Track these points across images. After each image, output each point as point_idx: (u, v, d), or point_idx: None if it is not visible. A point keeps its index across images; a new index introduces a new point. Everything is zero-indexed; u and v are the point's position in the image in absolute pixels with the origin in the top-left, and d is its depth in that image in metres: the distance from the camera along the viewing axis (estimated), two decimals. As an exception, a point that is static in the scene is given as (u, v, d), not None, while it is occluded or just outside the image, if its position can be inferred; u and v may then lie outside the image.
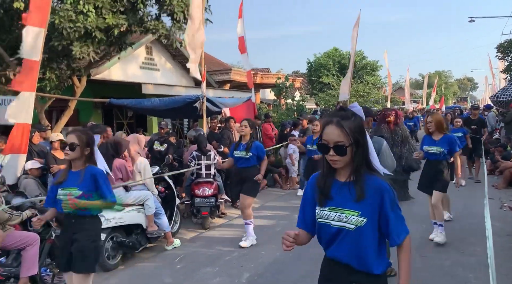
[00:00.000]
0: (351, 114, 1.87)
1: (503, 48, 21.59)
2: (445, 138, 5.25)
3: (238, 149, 5.48)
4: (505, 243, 5.24)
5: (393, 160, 4.02)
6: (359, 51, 29.43)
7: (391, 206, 1.86)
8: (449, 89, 60.57)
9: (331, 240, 1.93)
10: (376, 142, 3.89)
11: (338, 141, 1.81)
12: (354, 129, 1.82)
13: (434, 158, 5.28)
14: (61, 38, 7.28)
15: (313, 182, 2.01)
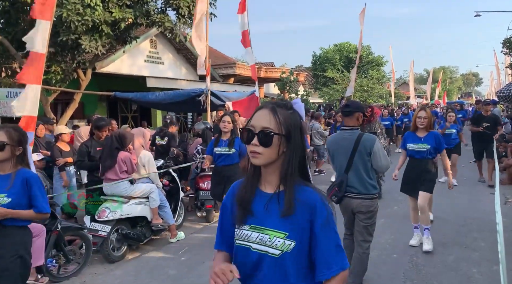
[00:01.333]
0: (290, 106, 1.49)
1: (509, 43, 21.41)
2: (431, 135, 4.87)
3: (219, 145, 5.15)
4: (510, 238, 5.23)
5: (387, 159, 3.63)
6: (366, 46, 29.33)
7: (324, 227, 1.41)
8: (454, 84, 60.24)
9: (251, 270, 1.46)
10: (367, 139, 3.57)
11: (266, 127, 1.41)
12: (289, 121, 1.44)
13: (420, 156, 4.88)
14: (69, 32, 7.31)
15: (232, 192, 1.57)
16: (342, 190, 3.61)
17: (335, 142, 3.77)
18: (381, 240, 5.15)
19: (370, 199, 3.61)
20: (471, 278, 4.12)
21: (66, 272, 4.42)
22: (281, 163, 1.45)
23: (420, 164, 4.87)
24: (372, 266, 4.45)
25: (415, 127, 4.96)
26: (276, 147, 1.42)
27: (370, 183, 3.60)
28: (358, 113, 3.66)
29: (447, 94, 43.65)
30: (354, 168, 3.57)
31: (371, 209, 3.62)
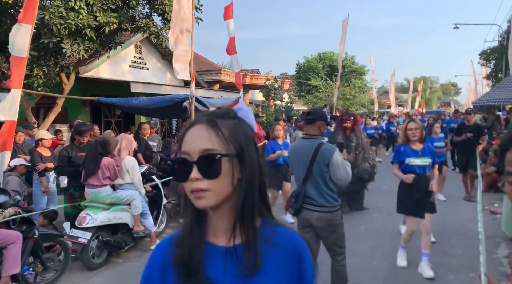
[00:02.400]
0: (234, 114, 1.05)
1: (486, 55, 22.09)
2: (427, 148, 4.53)
3: None
4: (486, 245, 5.36)
5: (347, 172, 3.35)
6: (351, 56, 29.80)
7: (313, 279, 1.06)
8: (434, 94, 61.60)
9: None
10: (326, 150, 3.34)
11: (207, 149, 0.96)
12: (238, 134, 1.00)
13: (422, 172, 4.44)
14: (51, 35, 7.22)
15: (160, 256, 1.10)
16: (299, 201, 3.38)
17: (295, 150, 3.59)
18: (361, 247, 5.22)
19: (330, 212, 3.37)
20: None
21: (43, 279, 4.33)
22: (237, 197, 0.99)
23: (421, 180, 4.45)
24: (351, 273, 4.49)
25: (406, 140, 4.53)
26: (228, 176, 0.96)
27: (330, 194, 3.38)
28: (320, 121, 3.46)
29: (427, 104, 44.60)
30: (313, 179, 3.36)
31: (332, 222, 3.38)
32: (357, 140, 7.02)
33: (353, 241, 5.56)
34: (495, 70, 21.63)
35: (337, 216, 3.41)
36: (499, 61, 20.76)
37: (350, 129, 6.98)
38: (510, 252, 5.13)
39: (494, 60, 21.92)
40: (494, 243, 5.49)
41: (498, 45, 21.98)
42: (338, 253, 3.51)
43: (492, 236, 5.77)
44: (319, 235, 3.44)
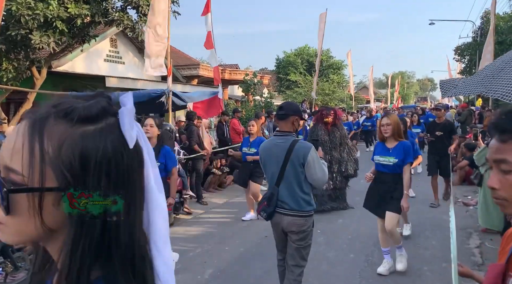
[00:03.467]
0: (89, 114, 0.63)
1: (460, 50, 22.63)
2: (401, 146, 4.21)
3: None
4: (458, 236, 5.48)
5: (324, 172, 3.11)
6: (326, 50, 29.99)
7: None
8: (411, 89, 62.83)
9: None
10: (301, 148, 3.07)
11: (8, 167, 0.61)
12: (72, 154, 0.61)
13: (388, 170, 4.25)
14: (19, 26, 6.98)
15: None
16: (272, 204, 3.12)
17: (267, 149, 3.26)
18: (338, 240, 5.27)
19: (303, 217, 3.11)
20: (422, 275, 4.29)
21: (13, 280, 4.18)
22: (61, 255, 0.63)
23: (386, 179, 4.25)
24: (329, 266, 4.55)
25: (382, 137, 4.35)
26: (28, 215, 0.61)
27: (304, 198, 3.11)
28: (293, 116, 3.18)
29: (404, 99, 45.42)
30: (286, 180, 3.09)
31: (303, 228, 3.12)
32: (341, 135, 6.87)
33: (331, 235, 5.62)
34: (469, 66, 22.19)
35: (309, 222, 3.15)
36: (473, 57, 21.31)
37: (332, 124, 6.80)
38: (481, 243, 5.28)
39: (468, 56, 22.48)
40: (466, 234, 5.64)
41: (472, 41, 22.55)
42: (298, 265, 3.19)
43: (464, 227, 5.93)
44: (287, 240, 3.23)
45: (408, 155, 4.19)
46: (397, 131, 4.24)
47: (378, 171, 4.34)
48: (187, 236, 5.82)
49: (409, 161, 4.22)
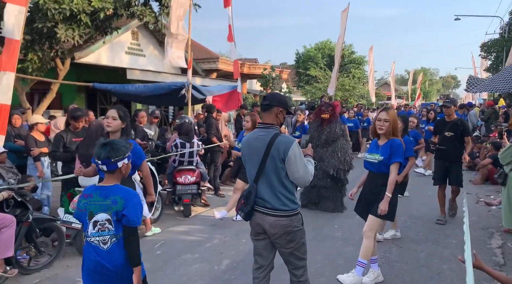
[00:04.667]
0: None
1: (487, 47, 22.00)
2: (389, 143, 3.80)
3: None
4: (480, 236, 5.40)
5: (306, 170, 2.81)
6: (349, 45, 29.62)
7: None
8: (433, 86, 61.54)
9: None
10: (282, 142, 2.78)
11: None
12: None
13: (374, 169, 3.88)
14: (45, 19, 7.13)
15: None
16: (249, 202, 2.83)
17: (247, 142, 2.96)
18: (355, 236, 5.23)
19: (287, 217, 2.80)
20: (441, 274, 4.22)
21: (37, 264, 4.32)
22: None
23: (373, 179, 3.90)
24: (345, 262, 4.53)
25: (375, 132, 3.92)
26: None
27: (286, 196, 2.81)
28: (278, 108, 2.89)
29: (426, 96, 44.52)
30: (266, 176, 2.81)
31: (288, 229, 2.81)
32: (330, 133, 6.56)
33: (348, 230, 5.58)
34: (496, 63, 21.56)
35: (295, 221, 2.85)
36: (500, 54, 20.69)
37: (328, 120, 6.59)
38: (503, 243, 5.16)
39: (495, 53, 21.84)
40: (488, 234, 5.51)
41: (499, 38, 21.89)
42: (297, 266, 2.94)
43: (486, 227, 5.80)
44: (274, 244, 2.94)
45: (395, 153, 3.74)
46: (393, 129, 3.82)
47: (367, 169, 4.00)
48: (204, 228, 5.87)
49: (396, 160, 3.74)
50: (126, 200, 2.47)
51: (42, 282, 4.06)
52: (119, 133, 3.64)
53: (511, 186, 5.44)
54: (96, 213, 2.50)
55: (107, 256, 2.46)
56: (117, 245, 2.47)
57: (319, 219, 6.15)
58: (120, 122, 3.63)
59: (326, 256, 4.73)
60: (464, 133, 5.96)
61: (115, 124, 3.61)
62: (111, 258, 2.46)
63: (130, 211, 2.45)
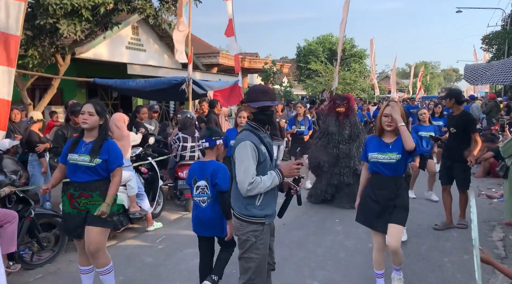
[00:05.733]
0: None
1: (488, 39, 21.88)
2: (400, 139, 3.34)
3: (78, 150, 3.27)
4: (481, 229, 5.39)
5: (244, 176, 2.48)
6: (350, 39, 29.49)
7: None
8: (435, 80, 61.30)
9: None
10: (236, 140, 2.63)
11: None
12: None
13: (388, 172, 3.37)
14: (47, 15, 7.10)
15: None
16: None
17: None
18: (357, 230, 5.23)
19: (239, 220, 2.64)
20: (442, 267, 4.24)
21: (39, 259, 4.35)
22: None
23: (387, 183, 3.39)
24: (347, 255, 4.54)
25: (381, 131, 3.47)
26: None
27: (243, 200, 2.60)
28: (247, 105, 2.70)
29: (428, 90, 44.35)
30: (233, 179, 2.64)
31: (238, 233, 2.67)
32: (352, 128, 6.39)
33: (350, 224, 5.59)
34: (497, 55, 21.44)
35: (245, 229, 2.61)
36: (502, 46, 20.57)
37: (344, 114, 6.35)
38: (504, 236, 5.16)
39: (496, 45, 21.72)
40: (489, 227, 5.52)
41: (501, 30, 21.75)
42: (241, 273, 2.70)
43: (488, 220, 5.81)
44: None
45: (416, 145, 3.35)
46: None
47: (376, 173, 3.45)
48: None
49: (417, 153, 3.44)
50: (217, 171, 3.31)
51: (45, 277, 4.08)
52: (97, 130, 3.32)
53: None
54: (199, 180, 3.37)
55: (204, 211, 3.37)
56: (210, 204, 3.35)
57: (320, 213, 6.16)
58: (98, 118, 3.30)
59: (327, 249, 4.74)
60: (468, 129, 5.14)
61: (92, 120, 3.28)
62: (206, 213, 3.35)
63: (220, 180, 3.28)
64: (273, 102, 2.65)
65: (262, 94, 2.63)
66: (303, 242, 4.98)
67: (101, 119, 3.32)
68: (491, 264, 2.36)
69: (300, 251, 4.69)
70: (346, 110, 6.36)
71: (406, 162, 3.44)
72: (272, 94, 2.67)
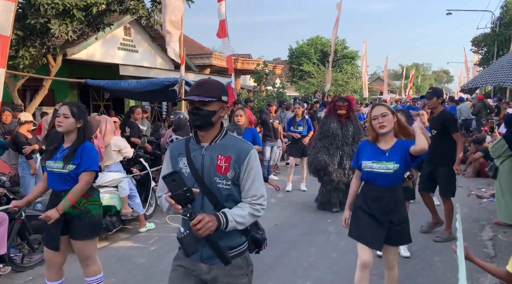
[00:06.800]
0: None
1: (478, 41, 22.16)
2: (400, 145, 2.96)
3: (54, 156, 3.06)
4: (471, 228, 5.47)
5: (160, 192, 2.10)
6: (342, 40, 29.64)
7: None
8: (426, 81, 61.85)
9: None
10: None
11: None
12: None
13: (383, 183, 2.98)
14: (38, 15, 7.06)
15: None
16: None
17: None
18: (347, 231, 5.25)
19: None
20: (433, 266, 4.28)
21: (30, 261, 4.31)
22: None
23: (382, 195, 2.99)
24: (339, 255, 4.57)
25: (375, 136, 3.06)
26: None
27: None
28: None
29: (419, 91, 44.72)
30: None
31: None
32: (354, 129, 6.36)
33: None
34: (487, 57, 21.72)
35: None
36: (491, 48, 20.84)
37: (345, 116, 6.31)
38: (494, 235, 5.23)
39: (486, 47, 22.00)
40: (479, 226, 5.59)
41: (490, 32, 22.03)
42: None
43: (478, 220, 5.88)
44: None
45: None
46: (400, 127, 3.03)
47: (369, 184, 3.06)
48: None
49: (416, 163, 3.11)
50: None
51: (35, 280, 4.05)
52: (75, 134, 3.06)
53: (502, 179, 5.51)
54: None
55: None
56: None
57: (312, 213, 6.18)
58: (74, 120, 3.02)
59: (319, 249, 4.77)
60: (450, 129, 4.78)
61: (67, 123, 3.01)
62: None
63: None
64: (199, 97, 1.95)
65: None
66: (295, 242, 5.00)
67: (78, 122, 3.05)
68: (474, 262, 2.39)
69: (292, 251, 4.71)
70: (347, 112, 6.32)
71: (405, 172, 3.06)
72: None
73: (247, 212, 1.98)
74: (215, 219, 1.86)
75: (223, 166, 1.96)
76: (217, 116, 2.00)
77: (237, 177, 1.98)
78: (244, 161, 1.97)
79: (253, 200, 2.00)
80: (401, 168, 2.93)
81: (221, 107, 2.02)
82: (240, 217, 1.94)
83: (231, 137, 2.07)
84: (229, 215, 1.90)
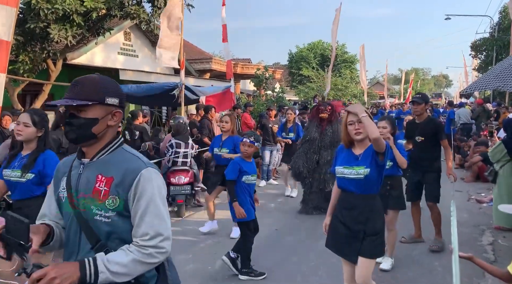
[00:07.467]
0: None
1: (476, 46, 22.25)
2: (371, 148, 2.81)
3: (12, 164, 2.94)
4: (471, 233, 5.47)
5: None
6: (342, 45, 29.74)
7: None
8: (426, 86, 62.03)
9: None
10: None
11: None
12: None
13: (354, 189, 2.85)
14: (38, 19, 7.10)
15: None
16: None
17: None
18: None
19: None
20: (433, 271, 4.28)
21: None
22: None
23: (355, 202, 2.85)
24: (339, 260, 4.54)
25: (347, 141, 2.95)
26: None
27: None
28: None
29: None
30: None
31: None
32: (334, 134, 6.26)
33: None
34: (486, 62, 21.80)
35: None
36: (490, 53, 20.91)
37: (327, 120, 6.25)
38: (494, 240, 5.23)
39: (485, 52, 22.08)
40: (479, 231, 5.58)
41: (489, 37, 22.12)
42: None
43: (477, 224, 5.87)
44: None
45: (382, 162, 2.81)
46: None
47: (344, 191, 2.94)
48: (197, 228, 5.87)
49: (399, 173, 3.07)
50: None
51: None
52: (35, 142, 2.92)
53: (501, 183, 5.51)
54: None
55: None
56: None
57: (312, 218, 6.17)
58: (35, 129, 2.89)
59: (319, 254, 4.75)
60: (438, 136, 4.71)
61: (28, 132, 2.87)
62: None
63: None
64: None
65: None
66: (295, 247, 5.00)
67: (39, 130, 2.90)
68: (470, 260, 2.39)
69: (292, 256, 4.70)
70: (329, 116, 6.28)
71: (380, 177, 2.85)
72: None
73: (131, 258, 1.41)
74: (75, 270, 1.34)
75: (102, 191, 1.48)
76: (102, 126, 1.52)
77: (126, 206, 1.47)
78: (132, 185, 1.46)
79: (142, 241, 1.43)
80: (372, 173, 2.78)
81: (108, 113, 1.54)
82: (119, 265, 1.39)
83: (122, 152, 1.56)
84: (102, 262, 1.38)
